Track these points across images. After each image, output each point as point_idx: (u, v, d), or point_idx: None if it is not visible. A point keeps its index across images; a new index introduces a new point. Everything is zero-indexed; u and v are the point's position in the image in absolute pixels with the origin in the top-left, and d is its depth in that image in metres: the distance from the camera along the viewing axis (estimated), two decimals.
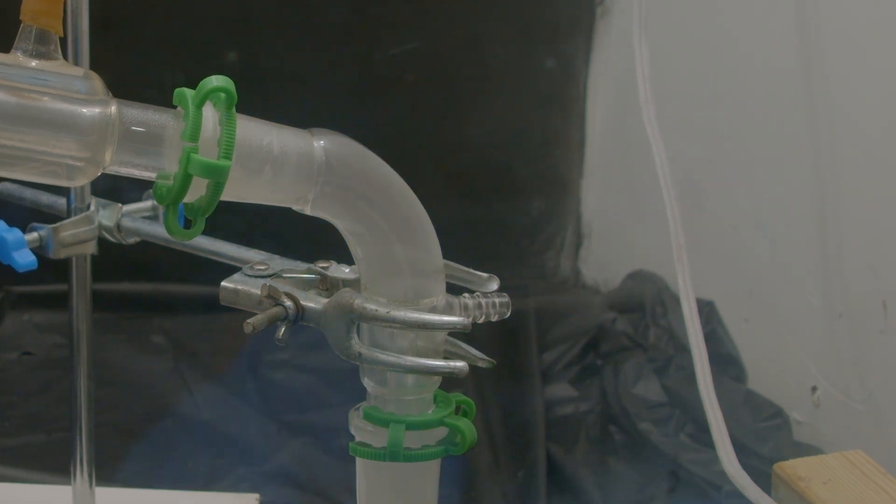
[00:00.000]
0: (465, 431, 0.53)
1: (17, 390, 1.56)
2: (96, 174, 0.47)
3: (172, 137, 0.47)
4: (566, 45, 1.83)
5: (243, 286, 0.56)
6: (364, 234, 0.51)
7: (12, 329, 1.71)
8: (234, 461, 1.40)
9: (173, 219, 0.48)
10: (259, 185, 0.49)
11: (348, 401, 0.56)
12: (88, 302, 0.87)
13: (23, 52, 0.47)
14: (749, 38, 1.42)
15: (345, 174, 0.50)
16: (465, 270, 0.58)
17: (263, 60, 1.79)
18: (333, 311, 0.52)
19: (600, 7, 1.80)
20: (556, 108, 1.87)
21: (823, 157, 1.27)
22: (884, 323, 1.19)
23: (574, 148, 1.88)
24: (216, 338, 1.70)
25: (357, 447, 0.54)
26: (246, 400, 1.54)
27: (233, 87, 0.47)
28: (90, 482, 0.91)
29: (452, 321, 0.52)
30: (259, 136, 0.48)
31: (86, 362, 0.88)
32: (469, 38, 1.83)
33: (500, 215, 1.87)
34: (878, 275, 1.21)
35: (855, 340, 1.25)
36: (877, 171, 1.21)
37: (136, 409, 1.51)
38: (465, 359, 0.54)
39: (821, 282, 1.30)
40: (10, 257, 0.77)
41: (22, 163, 0.46)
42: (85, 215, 0.82)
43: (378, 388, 0.54)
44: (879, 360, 1.22)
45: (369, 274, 0.52)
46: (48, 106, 0.45)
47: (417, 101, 1.84)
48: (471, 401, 0.56)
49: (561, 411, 1.51)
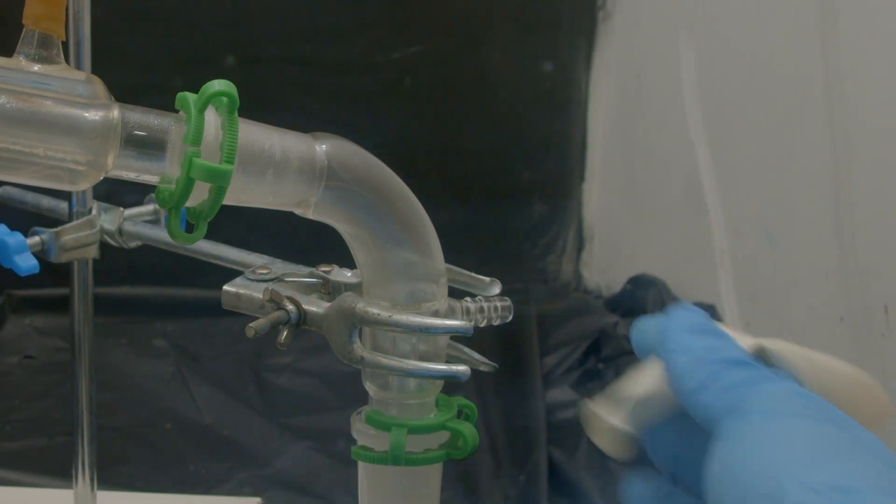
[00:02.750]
0: (466, 435, 0.53)
1: (19, 394, 1.56)
2: (98, 178, 0.47)
3: (174, 141, 0.47)
4: (567, 48, 1.84)
5: (245, 290, 0.56)
6: (366, 237, 0.51)
7: (14, 333, 1.71)
8: (236, 465, 1.40)
9: (175, 223, 0.48)
10: (261, 189, 0.49)
11: (350, 404, 0.56)
12: (90, 306, 0.87)
13: (25, 57, 0.47)
14: (755, 42, 1.42)
15: (347, 178, 0.50)
16: (466, 274, 0.58)
17: (264, 64, 1.79)
18: (335, 315, 0.52)
19: (601, 11, 1.80)
20: (557, 111, 1.87)
21: (827, 163, 1.27)
22: (885, 327, 1.19)
23: (575, 152, 1.88)
24: (218, 341, 1.70)
25: (359, 451, 0.54)
26: (248, 404, 1.54)
27: (235, 91, 0.47)
28: (92, 486, 0.91)
29: (454, 325, 0.52)
30: (261, 140, 0.48)
31: (87, 366, 0.88)
32: (471, 42, 1.83)
33: (502, 219, 1.87)
34: (880, 279, 1.21)
35: (857, 344, 1.25)
36: (879, 175, 1.21)
37: (137, 412, 1.51)
38: (467, 363, 0.54)
39: (823, 285, 1.30)
40: (11, 261, 0.77)
41: (24, 167, 0.46)
42: (87, 219, 0.83)
43: (380, 392, 0.54)
44: (881, 363, 1.21)
45: (371, 278, 0.52)
46: (50, 110, 0.45)
47: (419, 105, 1.84)
48: (473, 405, 0.56)
49: (562, 415, 1.51)
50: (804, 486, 0.42)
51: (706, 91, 1.52)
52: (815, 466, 0.42)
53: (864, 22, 1.21)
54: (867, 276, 1.23)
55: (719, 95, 1.50)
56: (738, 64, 1.45)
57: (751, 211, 1.45)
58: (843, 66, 1.24)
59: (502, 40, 1.83)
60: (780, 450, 0.44)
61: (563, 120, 1.86)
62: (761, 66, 1.39)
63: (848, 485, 0.42)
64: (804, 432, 0.44)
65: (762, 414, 0.45)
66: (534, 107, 1.87)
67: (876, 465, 0.44)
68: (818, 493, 0.41)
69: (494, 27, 1.83)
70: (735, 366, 0.49)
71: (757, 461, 0.43)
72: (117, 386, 1.54)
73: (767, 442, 0.44)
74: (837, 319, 1.27)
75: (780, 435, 0.44)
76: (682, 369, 0.50)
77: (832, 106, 1.26)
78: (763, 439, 0.44)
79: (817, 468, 0.42)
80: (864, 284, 1.23)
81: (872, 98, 1.20)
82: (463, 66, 1.84)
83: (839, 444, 0.44)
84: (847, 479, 0.42)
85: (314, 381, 1.60)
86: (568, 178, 1.89)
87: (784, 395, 0.47)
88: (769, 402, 0.46)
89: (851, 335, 1.25)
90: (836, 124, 1.25)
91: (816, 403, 0.46)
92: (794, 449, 0.43)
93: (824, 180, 1.28)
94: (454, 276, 0.57)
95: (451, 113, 1.85)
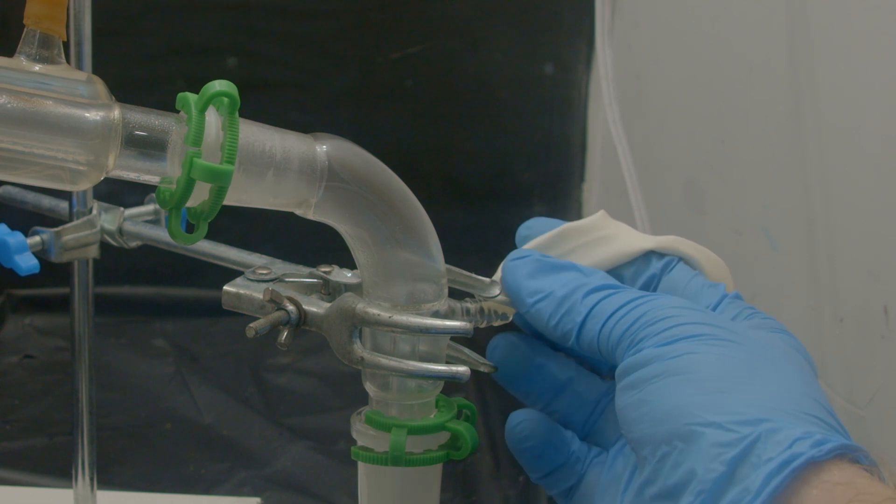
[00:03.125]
0: (466, 436, 0.53)
1: (19, 394, 1.56)
2: (99, 178, 0.47)
3: (175, 142, 0.47)
4: (567, 49, 1.84)
5: (245, 290, 0.56)
6: (366, 238, 0.51)
7: (14, 332, 1.71)
8: (236, 465, 1.40)
9: (176, 223, 0.48)
10: (262, 189, 0.49)
11: (350, 405, 0.56)
12: (90, 305, 0.87)
13: (26, 57, 0.47)
14: (748, 41, 1.42)
15: (347, 179, 0.50)
16: (467, 275, 0.58)
17: (265, 65, 1.79)
18: (335, 316, 0.52)
19: None
20: (557, 112, 1.87)
21: (826, 162, 1.27)
22: (885, 328, 1.19)
23: (575, 152, 1.88)
24: (218, 341, 1.70)
25: (359, 452, 0.54)
26: (248, 404, 1.54)
27: (236, 91, 0.47)
28: (92, 486, 0.91)
29: (454, 326, 0.52)
30: (262, 141, 0.48)
31: (87, 366, 0.88)
32: (470, 43, 1.83)
33: (502, 219, 1.86)
34: (880, 279, 1.21)
35: (856, 345, 1.25)
36: (878, 175, 1.21)
37: (137, 412, 1.51)
38: (467, 363, 0.54)
39: (822, 286, 1.30)
40: (12, 261, 0.77)
41: (25, 167, 0.46)
42: (87, 219, 0.83)
43: (380, 393, 0.54)
44: (881, 365, 1.22)
45: (371, 278, 0.52)
46: (51, 110, 0.45)
47: (419, 106, 1.84)
48: (472, 405, 0.56)
49: None
50: (715, 425, 0.42)
51: (707, 91, 1.52)
52: (721, 401, 0.43)
53: (841, 15, 1.21)
54: (866, 277, 1.23)
55: (719, 95, 1.50)
56: (739, 62, 1.45)
57: (748, 211, 1.45)
58: (842, 65, 1.24)
59: (502, 41, 1.83)
60: (687, 387, 0.44)
61: (562, 121, 1.87)
62: (761, 65, 1.39)
63: (756, 416, 0.42)
64: (706, 363, 0.44)
65: (659, 345, 0.45)
66: (534, 107, 1.87)
67: (778, 388, 0.44)
68: (728, 430, 0.41)
69: (494, 28, 1.83)
70: (598, 292, 0.49)
71: (665, 401, 0.44)
72: (117, 386, 1.54)
73: (673, 379, 0.44)
74: (837, 320, 1.27)
75: (683, 369, 0.44)
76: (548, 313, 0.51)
77: (834, 105, 1.26)
78: (668, 375, 0.44)
79: (724, 403, 0.43)
80: (864, 285, 1.23)
81: (874, 97, 1.20)
82: (463, 66, 1.84)
83: (741, 370, 0.44)
84: (754, 409, 0.42)
85: (314, 381, 1.60)
86: (568, 179, 1.89)
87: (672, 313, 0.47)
88: (662, 328, 0.46)
89: (851, 336, 1.25)
90: (838, 123, 1.26)
91: (704, 318, 0.47)
92: (699, 384, 0.44)
93: (824, 179, 1.28)
94: (454, 277, 0.57)
95: (451, 113, 1.85)
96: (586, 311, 0.49)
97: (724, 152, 1.51)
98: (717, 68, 1.51)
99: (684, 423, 0.42)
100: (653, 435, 0.43)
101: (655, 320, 0.47)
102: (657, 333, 0.46)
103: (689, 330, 0.46)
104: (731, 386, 0.43)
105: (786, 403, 0.43)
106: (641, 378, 0.45)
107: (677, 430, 0.42)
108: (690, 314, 0.47)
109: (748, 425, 0.41)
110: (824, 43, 1.26)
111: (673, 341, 0.45)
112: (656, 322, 0.46)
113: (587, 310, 0.49)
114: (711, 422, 0.42)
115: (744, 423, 0.41)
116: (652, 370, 0.45)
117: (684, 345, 0.45)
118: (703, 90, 1.53)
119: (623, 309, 0.48)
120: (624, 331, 0.47)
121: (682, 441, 0.42)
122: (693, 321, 0.46)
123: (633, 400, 0.45)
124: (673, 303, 0.48)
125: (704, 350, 0.45)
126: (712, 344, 0.45)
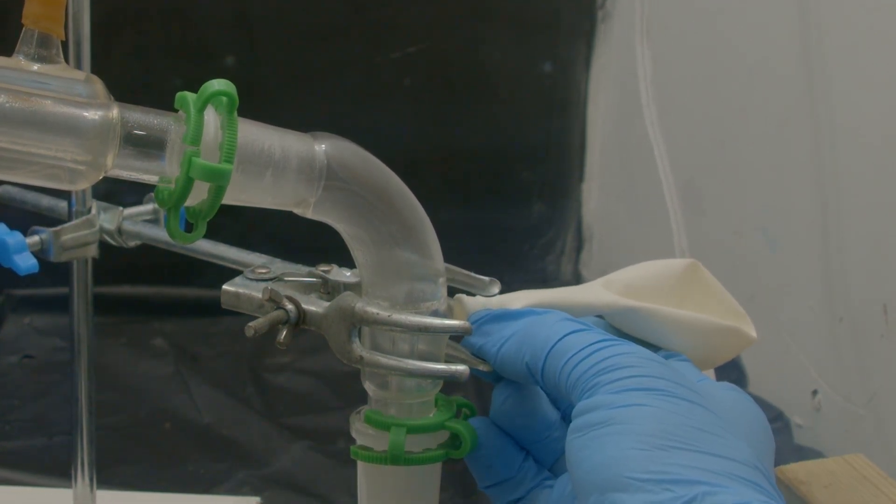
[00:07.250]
0: (466, 435, 0.53)
1: (18, 393, 1.56)
2: (98, 178, 0.47)
3: (174, 141, 0.47)
4: (567, 49, 1.84)
5: (244, 290, 0.56)
6: (365, 237, 0.51)
7: (13, 332, 1.71)
8: (235, 464, 1.40)
9: (175, 222, 0.48)
10: (260, 188, 0.49)
11: (349, 404, 0.56)
12: (89, 305, 0.87)
13: (24, 56, 0.47)
14: (751, 43, 1.42)
15: (346, 178, 0.50)
16: (466, 274, 0.58)
17: (264, 64, 1.79)
18: (335, 315, 0.52)
19: (601, 11, 1.80)
20: (556, 112, 1.87)
21: (825, 162, 1.27)
22: (884, 327, 1.19)
23: (575, 152, 1.88)
24: (217, 341, 1.70)
25: (358, 451, 0.54)
26: (247, 403, 1.54)
27: (234, 90, 0.47)
28: (91, 485, 0.91)
29: (454, 325, 0.52)
30: (261, 140, 0.48)
31: (86, 366, 0.88)
32: (470, 43, 1.83)
33: (502, 219, 1.87)
34: (879, 279, 1.21)
35: (856, 344, 1.25)
36: (877, 175, 1.21)
37: (136, 412, 1.51)
38: (466, 362, 0.54)
39: (822, 286, 1.30)
40: (11, 261, 0.77)
41: (23, 166, 0.46)
42: (86, 219, 0.83)
43: (379, 392, 0.54)
44: (880, 363, 1.22)
45: (370, 277, 0.52)
46: (50, 109, 0.45)
47: (419, 105, 1.84)
48: (472, 404, 0.56)
49: None
50: (651, 482, 0.42)
51: (707, 92, 1.52)
52: (660, 458, 0.43)
53: (846, 18, 1.21)
54: (866, 277, 1.23)
55: (718, 96, 1.50)
56: (738, 64, 1.45)
57: (749, 211, 1.45)
58: (841, 66, 1.24)
59: (502, 40, 1.83)
60: (627, 439, 0.44)
61: (562, 120, 1.87)
62: (760, 66, 1.39)
63: (694, 478, 0.42)
64: (653, 417, 0.44)
65: (611, 393, 0.45)
66: (533, 107, 1.87)
67: (722, 450, 0.44)
68: (664, 489, 0.42)
69: (494, 27, 1.83)
70: (573, 334, 0.50)
71: (604, 450, 0.44)
72: (116, 386, 1.54)
73: (615, 427, 0.44)
74: (837, 319, 1.27)
75: (628, 419, 0.44)
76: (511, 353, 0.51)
77: (832, 106, 1.26)
78: (611, 423, 0.44)
79: (662, 459, 0.43)
80: (863, 285, 1.23)
81: (872, 98, 1.20)
82: (462, 66, 1.84)
83: (686, 428, 0.44)
84: (692, 470, 0.42)
85: (314, 380, 1.60)
86: (567, 179, 1.89)
87: (633, 362, 0.47)
88: (618, 376, 0.46)
89: (851, 335, 1.25)
90: (836, 124, 1.25)
91: (665, 372, 0.47)
92: (640, 437, 0.44)
93: (824, 179, 1.28)
94: (453, 276, 0.57)
95: (450, 113, 1.85)
96: (548, 349, 0.49)
97: (725, 153, 1.51)
98: (719, 69, 1.51)
99: (621, 474, 0.42)
100: (590, 482, 0.44)
101: (616, 367, 0.46)
102: (613, 381, 0.46)
103: (644, 382, 0.46)
104: (674, 443, 0.43)
105: (727, 467, 0.43)
106: (587, 423, 0.45)
107: (613, 482, 0.43)
108: (652, 367, 0.47)
109: (684, 485, 0.41)
110: (825, 44, 1.26)
111: (625, 390, 0.45)
112: (616, 369, 0.46)
113: (549, 348, 0.49)
114: (647, 479, 0.42)
115: (679, 483, 0.41)
116: (597, 416, 0.45)
117: (636, 395, 0.45)
118: (705, 93, 1.53)
119: (587, 349, 0.48)
120: (582, 373, 0.47)
121: (617, 492, 0.42)
122: (652, 374, 0.46)
123: (578, 443, 0.45)
124: (639, 353, 0.48)
125: (655, 404, 0.45)
126: (665, 399, 0.45)
